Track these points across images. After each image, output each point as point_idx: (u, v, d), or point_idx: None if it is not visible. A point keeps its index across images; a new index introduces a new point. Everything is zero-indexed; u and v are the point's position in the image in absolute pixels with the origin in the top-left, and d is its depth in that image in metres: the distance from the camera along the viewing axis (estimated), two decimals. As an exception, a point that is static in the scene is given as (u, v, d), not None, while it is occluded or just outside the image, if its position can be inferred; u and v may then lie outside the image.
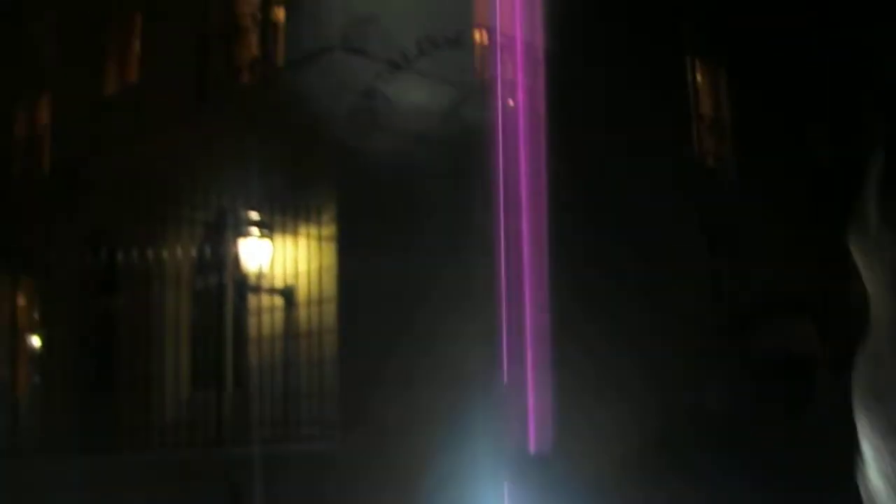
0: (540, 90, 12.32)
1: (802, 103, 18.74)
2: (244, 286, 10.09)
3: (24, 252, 7.71)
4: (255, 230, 9.59)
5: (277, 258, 9.85)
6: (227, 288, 10.88)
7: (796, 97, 18.40)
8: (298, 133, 10.25)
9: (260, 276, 9.80)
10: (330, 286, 9.68)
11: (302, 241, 9.79)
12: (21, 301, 13.77)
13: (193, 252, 10.91)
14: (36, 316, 13.32)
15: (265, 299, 10.11)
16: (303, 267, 9.86)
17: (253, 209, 9.59)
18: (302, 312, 9.82)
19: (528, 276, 12.00)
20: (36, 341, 12.99)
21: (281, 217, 9.64)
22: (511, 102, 12.08)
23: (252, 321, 10.34)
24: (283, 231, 9.72)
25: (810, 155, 19.15)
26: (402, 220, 10.29)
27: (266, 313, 10.15)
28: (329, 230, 9.75)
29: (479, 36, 11.82)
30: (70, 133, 14.58)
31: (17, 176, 14.88)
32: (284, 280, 9.96)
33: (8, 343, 13.88)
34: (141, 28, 13.73)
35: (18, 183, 14.64)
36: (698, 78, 16.81)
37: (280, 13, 10.98)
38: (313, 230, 9.76)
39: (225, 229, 9.92)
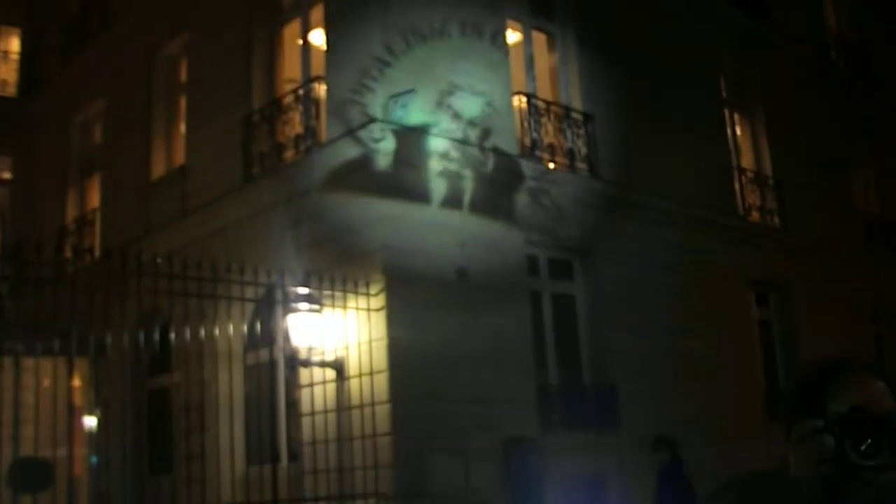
0: (580, 151, 12.42)
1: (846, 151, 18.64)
2: (295, 360, 10.13)
3: (79, 333, 7.82)
4: (304, 304, 9.64)
5: (327, 331, 9.90)
6: (278, 363, 10.95)
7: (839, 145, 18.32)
8: (345, 206, 10.38)
9: (310, 349, 9.84)
10: (380, 357, 9.70)
11: (351, 314, 9.83)
12: (77, 382, 13.94)
13: (244, 328, 11.01)
14: (92, 396, 13.46)
15: (316, 373, 10.15)
16: (353, 339, 9.89)
17: (301, 284, 9.67)
18: (353, 384, 9.83)
19: (584, 344, 11.94)
20: (92, 421, 13.08)
21: (330, 290, 9.70)
22: (552, 165, 12.19)
23: (304, 395, 10.38)
24: (333, 304, 9.77)
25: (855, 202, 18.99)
26: (450, 289, 10.33)
27: (318, 386, 10.19)
28: (378, 301, 9.80)
29: (518, 102, 11.93)
30: (120, 215, 14.89)
31: (69, 259, 15.17)
32: (335, 353, 9.99)
33: (65, 423, 14.02)
34: (186, 110, 14.04)
35: (71, 265, 14.92)
36: (738, 131, 16.79)
37: (321, 90, 11.16)
38: (362, 302, 9.81)
39: (274, 305, 10.01)
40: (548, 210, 11.72)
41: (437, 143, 10.53)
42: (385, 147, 10.06)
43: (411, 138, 10.29)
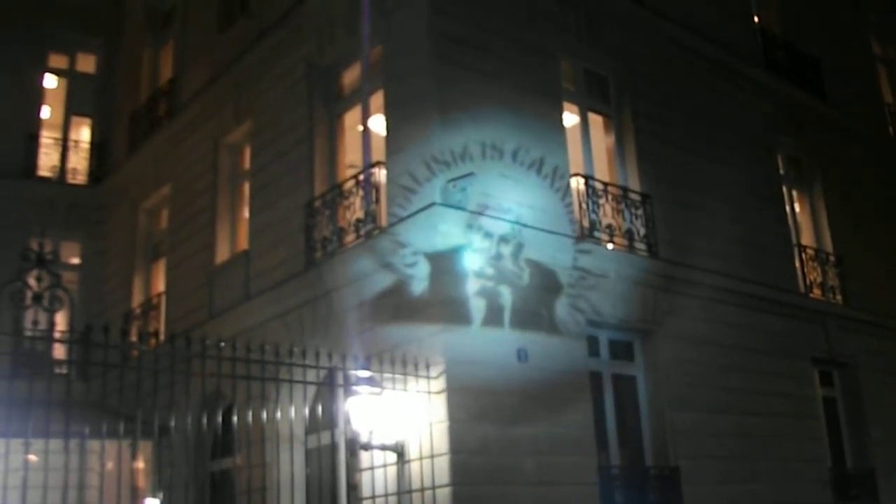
0: (638, 232, 12.45)
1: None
2: (356, 443, 10.15)
3: (144, 416, 7.96)
4: (364, 387, 9.69)
5: (388, 414, 9.93)
6: (339, 446, 10.99)
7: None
8: (404, 289, 10.48)
9: (371, 432, 9.86)
10: (441, 440, 9.69)
11: (412, 396, 9.86)
12: (140, 464, 14.13)
13: (306, 411, 11.09)
14: (155, 478, 13.61)
15: (377, 456, 10.16)
16: (413, 422, 9.90)
17: (362, 367, 9.73)
18: (414, 468, 9.82)
19: (646, 425, 11.83)
20: (155, 503, 13.22)
21: (390, 373, 9.76)
22: (611, 246, 12.23)
23: (365, 478, 10.39)
24: (393, 387, 9.82)
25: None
26: (510, 371, 10.33)
27: (378, 470, 10.19)
28: (438, 384, 9.83)
29: (575, 184, 12.02)
30: (185, 299, 15.17)
31: (136, 342, 15.48)
32: (396, 436, 10.00)
33: (129, 506, 14.16)
34: (249, 196, 14.35)
35: (137, 349, 15.23)
36: (797, 208, 16.73)
37: (381, 175, 11.35)
38: (423, 384, 9.85)
39: (336, 388, 10.08)
40: (608, 291, 11.72)
41: (492, 227, 10.59)
42: (444, 230, 10.17)
43: (470, 221, 10.37)
